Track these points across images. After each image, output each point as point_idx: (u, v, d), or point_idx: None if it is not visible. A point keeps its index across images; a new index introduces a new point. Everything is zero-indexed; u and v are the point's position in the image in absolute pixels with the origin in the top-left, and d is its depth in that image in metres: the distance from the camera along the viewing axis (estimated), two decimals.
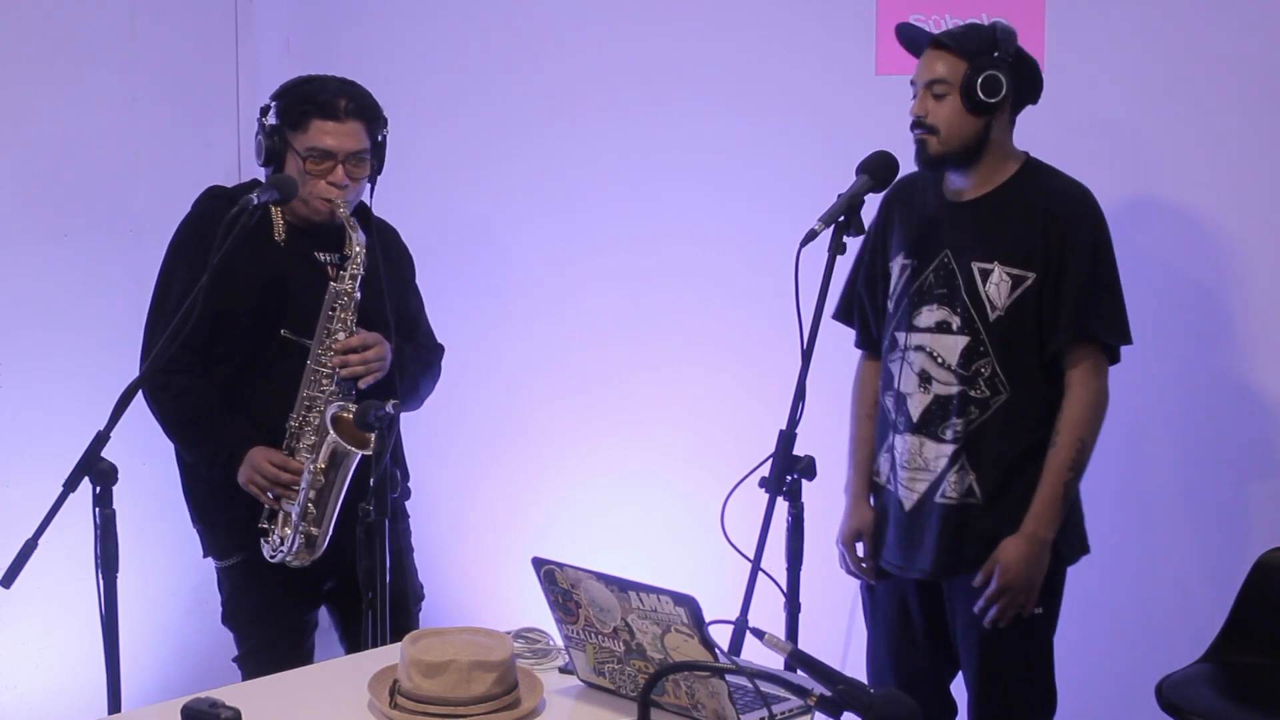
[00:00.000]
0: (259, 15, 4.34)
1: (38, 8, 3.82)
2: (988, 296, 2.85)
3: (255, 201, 2.84)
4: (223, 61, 4.26)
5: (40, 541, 2.57)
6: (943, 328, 2.89)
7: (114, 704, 2.64)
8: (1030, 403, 2.85)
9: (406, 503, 3.25)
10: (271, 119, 3.03)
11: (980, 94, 2.81)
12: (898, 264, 2.98)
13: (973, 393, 2.86)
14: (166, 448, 3.12)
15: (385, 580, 2.74)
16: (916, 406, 2.91)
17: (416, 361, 3.18)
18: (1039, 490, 2.83)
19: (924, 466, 2.91)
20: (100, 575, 2.61)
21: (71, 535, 2.64)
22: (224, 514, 3.09)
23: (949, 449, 2.87)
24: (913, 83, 2.91)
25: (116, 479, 2.61)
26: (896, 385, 2.95)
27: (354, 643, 3.11)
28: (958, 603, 2.95)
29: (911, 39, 2.93)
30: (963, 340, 2.87)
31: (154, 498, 3.54)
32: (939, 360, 2.89)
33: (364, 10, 4.34)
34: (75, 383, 3.80)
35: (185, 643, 4.16)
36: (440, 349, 3.32)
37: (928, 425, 2.90)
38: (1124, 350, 2.87)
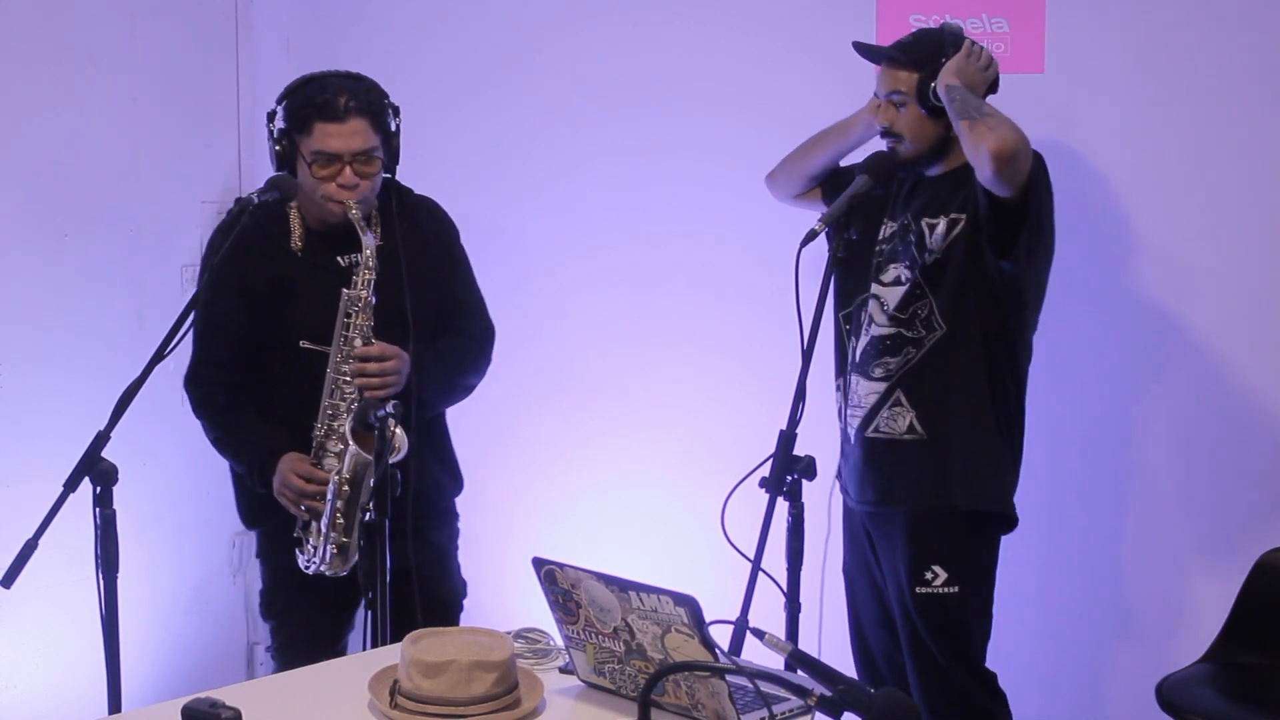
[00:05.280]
0: (259, 15, 4.33)
1: (38, 8, 3.81)
2: (929, 245, 2.97)
3: (256, 202, 2.83)
4: (223, 61, 4.26)
5: (40, 541, 2.57)
6: (897, 282, 3.01)
7: (114, 704, 2.64)
8: (967, 340, 2.96)
9: (457, 499, 3.27)
10: (279, 123, 2.98)
11: (934, 100, 2.93)
12: (885, 226, 3.09)
13: (909, 333, 2.98)
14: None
15: (385, 580, 2.73)
16: (857, 348, 3.06)
17: (443, 362, 3.08)
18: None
19: (858, 403, 3.06)
20: (100, 575, 2.61)
21: (71, 535, 2.65)
22: (271, 520, 3.08)
23: (879, 386, 3.01)
24: (876, 94, 3.05)
25: (117, 479, 2.61)
26: (853, 327, 3.10)
27: None
28: (879, 539, 3.08)
29: (869, 54, 3.08)
30: (906, 288, 2.99)
31: (154, 498, 3.55)
32: (884, 307, 3.02)
33: (364, 10, 4.33)
34: (75, 383, 3.79)
35: (185, 643, 4.15)
36: (489, 332, 3.21)
37: (863, 365, 3.05)
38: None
